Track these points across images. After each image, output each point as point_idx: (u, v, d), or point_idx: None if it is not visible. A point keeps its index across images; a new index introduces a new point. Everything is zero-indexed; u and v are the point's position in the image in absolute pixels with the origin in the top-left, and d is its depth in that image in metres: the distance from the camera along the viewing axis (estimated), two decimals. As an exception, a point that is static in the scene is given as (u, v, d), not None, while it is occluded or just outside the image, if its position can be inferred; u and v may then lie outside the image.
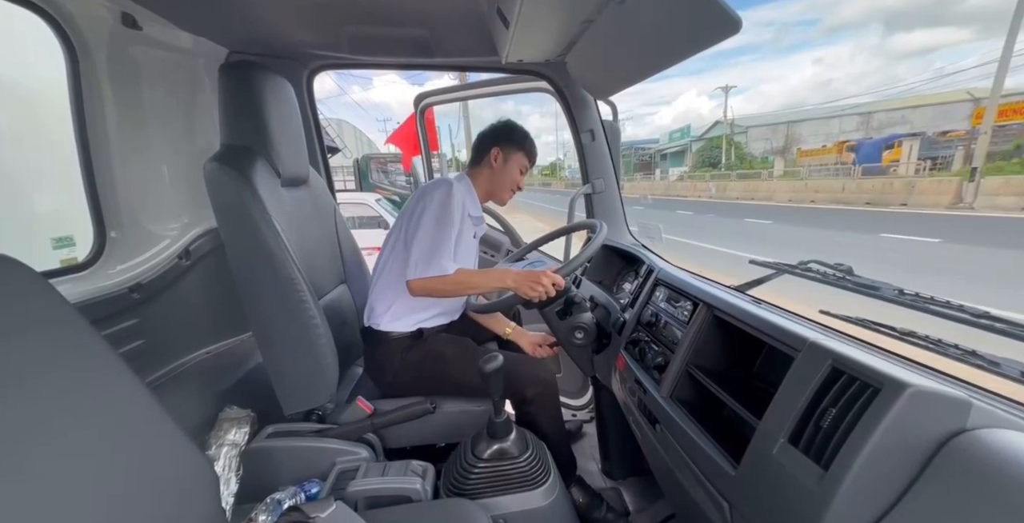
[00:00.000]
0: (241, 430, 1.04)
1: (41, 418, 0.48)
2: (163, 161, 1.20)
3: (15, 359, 0.48)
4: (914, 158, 18.01)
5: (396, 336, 1.17)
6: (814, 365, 0.54)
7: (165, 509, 0.58)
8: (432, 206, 1.12)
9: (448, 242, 1.10)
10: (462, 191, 1.18)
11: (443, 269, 1.07)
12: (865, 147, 21.25)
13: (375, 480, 0.91)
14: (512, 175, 1.25)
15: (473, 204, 1.24)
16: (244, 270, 0.98)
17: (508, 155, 1.23)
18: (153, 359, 1.17)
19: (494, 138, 1.23)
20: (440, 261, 1.07)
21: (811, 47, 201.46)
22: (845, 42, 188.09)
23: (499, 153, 1.23)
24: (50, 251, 1.19)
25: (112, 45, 1.02)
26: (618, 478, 1.36)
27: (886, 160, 19.37)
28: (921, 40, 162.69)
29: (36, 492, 0.45)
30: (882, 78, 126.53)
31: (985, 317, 0.59)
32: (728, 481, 0.61)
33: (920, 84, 35.58)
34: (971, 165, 11.13)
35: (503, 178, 1.25)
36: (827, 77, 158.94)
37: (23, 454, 0.45)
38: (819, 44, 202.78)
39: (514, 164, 1.24)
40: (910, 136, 19.84)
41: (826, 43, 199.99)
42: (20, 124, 1.31)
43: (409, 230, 1.13)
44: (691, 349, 0.81)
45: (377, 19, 1.12)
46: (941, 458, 0.42)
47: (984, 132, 11.12)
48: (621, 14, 0.89)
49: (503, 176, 1.24)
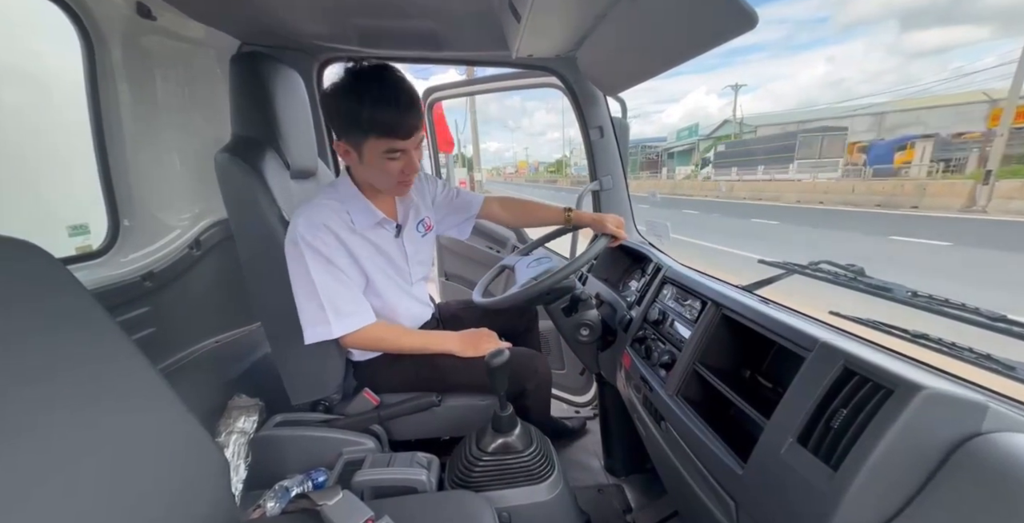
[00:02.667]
0: (250, 418, 1.06)
1: (58, 399, 0.49)
2: (175, 151, 1.21)
3: (27, 341, 0.49)
4: (927, 160, 17.74)
5: (375, 361, 1.11)
6: (825, 365, 0.54)
7: (177, 493, 0.59)
8: (290, 258, 0.90)
9: (339, 286, 0.91)
10: (327, 208, 0.92)
11: (363, 317, 0.95)
12: (877, 148, 20.96)
13: (381, 470, 0.92)
14: (379, 168, 0.89)
15: (360, 208, 0.96)
16: (253, 260, 0.99)
17: (356, 146, 0.88)
18: (164, 347, 1.19)
19: (333, 129, 0.93)
20: (348, 309, 0.93)
21: (823, 45, 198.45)
22: (858, 40, 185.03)
23: (344, 147, 0.90)
24: (66, 239, 1.20)
25: (127, 35, 1.03)
26: (621, 475, 1.37)
27: (898, 162, 19.10)
28: (937, 38, 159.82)
29: (50, 470, 0.46)
30: (896, 77, 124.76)
31: (1002, 320, 0.59)
32: (735, 480, 0.61)
33: (936, 84, 34.97)
34: (985, 167, 10.94)
35: (374, 175, 0.93)
36: (839, 76, 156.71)
37: (34, 436, 0.46)
38: (831, 42, 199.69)
39: (371, 154, 0.87)
40: (924, 137, 19.52)
41: (839, 41, 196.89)
42: (39, 114, 1.32)
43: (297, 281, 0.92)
44: (699, 347, 0.81)
45: (387, 12, 1.12)
46: (955, 461, 0.42)
47: (1001, 134, 10.91)
48: (635, 8, 0.88)
49: (372, 173, 0.93)
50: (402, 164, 0.90)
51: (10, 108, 1.24)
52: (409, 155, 0.90)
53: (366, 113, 0.82)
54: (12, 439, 0.44)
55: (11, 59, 1.20)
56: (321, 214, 0.91)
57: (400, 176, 0.92)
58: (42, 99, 1.26)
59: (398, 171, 0.90)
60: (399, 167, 0.90)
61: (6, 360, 0.46)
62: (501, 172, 77.89)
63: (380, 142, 0.85)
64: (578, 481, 1.35)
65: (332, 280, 0.91)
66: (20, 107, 1.25)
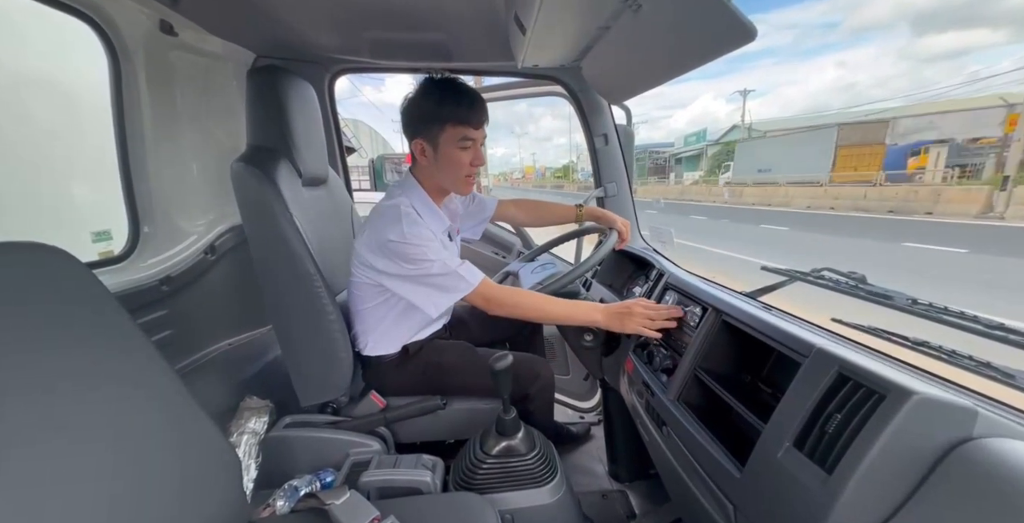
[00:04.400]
0: (260, 419, 1.08)
1: (81, 399, 0.52)
2: (193, 160, 1.26)
3: (59, 342, 0.52)
4: (941, 166, 17.43)
5: (386, 359, 1.13)
6: (821, 371, 0.55)
7: (191, 491, 0.61)
8: (398, 250, 0.95)
9: (445, 268, 0.96)
10: (412, 207, 1.00)
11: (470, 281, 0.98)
12: (890, 153, 20.66)
13: (387, 471, 0.94)
14: (452, 159, 0.99)
15: (428, 210, 1.05)
16: (265, 265, 1.02)
17: (433, 139, 0.98)
18: (180, 349, 1.22)
19: (410, 132, 1.01)
20: (459, 278, 0.97)
21: (834, 50, 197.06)
22: (870, 44, 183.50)
23: (422, 144, 1.00)
24: (90, 245, 1.25)
25: (150, 50, 1.08)
26: (625, 481, 1.37)
27: (911, 167, 18.79)
28: (952, 42, 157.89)
29: (69, 467, 0.49)
30: (910, 82, 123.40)
31: (1000, 329, 0.59)
32: (733, 483, 0.62)
33: (952, 89, 34.37)
34: (1003, 173, 10.73)
35: (444, 168, 1.01)
36: (850, 80, 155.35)
37: (63, 431, 0.49)
38: (842, 47, 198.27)
39: (447, 145, 0.98)
40: (938, 142, 19.21)
41: (850, 46, 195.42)
42: (69, 126, 1.38)
43: (388, 274, 0.99)
44: (699, 353, 0.82)
45: (397, 24, 1.16)
46: (946, 465, 0.43)
47: (1018, 139, 10.72)
48: (637, 21, 0.90)
49: (442, 165, 1.01)
50: (471, 155, 1.00)
51: (49, 122, 1.30)
52: (477, 146, 1.01)
53: (444, 107, 0.95)
54: (37, 435, 0.47)
55: (49, 73, 1.25)
56: (412, 214, 0.99)
57: (468, 168, 1.02)
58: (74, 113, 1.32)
59: (467, 162, 1.01)
60: (469, 158, 1.00)
61: (37, 360, 0.49)
62: (508, 177, 78.28)
63: (456, 130, 0.97)
64: (582, 486, 1.35)
65: (449, 255, 1.00)
66: (58, 120, 1.31)
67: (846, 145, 21.73)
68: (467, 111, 0.96)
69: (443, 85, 0.97)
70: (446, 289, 0.99)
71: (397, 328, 1.11)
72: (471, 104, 0.97)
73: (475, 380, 1.13)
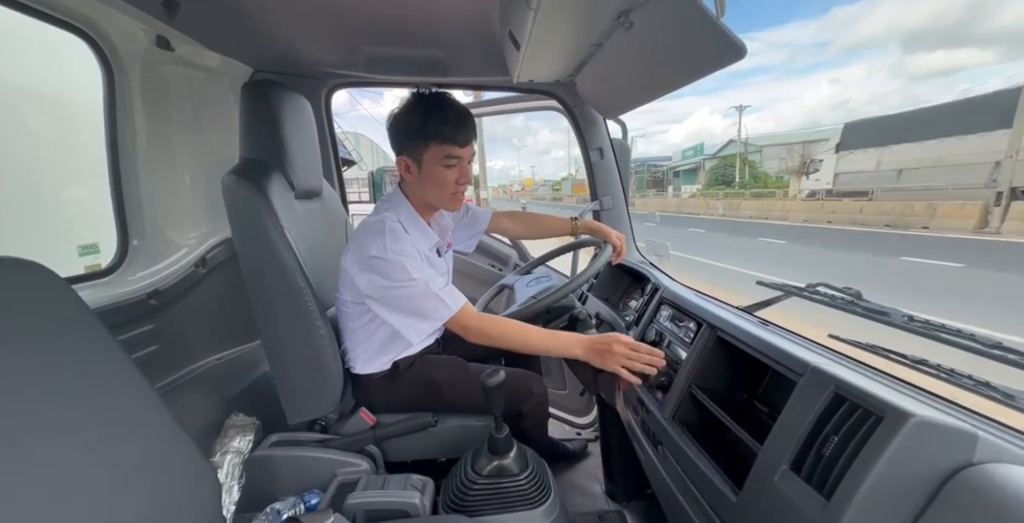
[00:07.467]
0: (245, 438, 1.05)
1: (48, 419, 0.50)
2: (185, 173, 1.26)
3: (28, 360, 0.50)
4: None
5: (376, 375, 1.10)
6: (816, 390, 0.53)
7: (167, 516, 0.59)
8: (379, 266, 0.93)
9: (426, 289, 0.94)
10: (399, 222, 0.99)
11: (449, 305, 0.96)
12: (884, 167, 20.80)
13: (374, 493, 0.91)
14: (437, 177, 0.97)
15: (415, 226, 1.03)
16: (255, 279, 1.01)
17: (417, 157, 0.96)
18: (166, 364, 1.20)
19: (396, 149, 1.00)
20: (439, 301, 0.95)
21: (826, 68, 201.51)
22: (862, 63, 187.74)
23: (406, 161, 0.98)
24: (75, 258, 1.24)
25: (146, 65, 1.09)
26: (622, 501, 1.33)
27: (906, 180, 18.95)
28: (943, 61, 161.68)
29: (39, 492, 0.47)
30: (902, 99, 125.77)
31: (998, 348, 0.58)
32: (729, 507, 0.60)
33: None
34: (996, 189, 10.86)
35: (429, 186, 0.99)
36: (843, 97, 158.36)
37: (28, 454, 0.47)
38: (835, 65, 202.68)
39: (431, 163, 0.96)
40: (931, 157, 19.42)
41: (842, 64, 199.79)
42: (59, 138, 1.38)
43: (371, 297, 0.97)
44: (694, 370, 0.80)
45: (393, 40, 1.17)
46: (947, 492, 0.41)
47: (1010, 155, 10.88)
48: (629, 38, 0.91)
49: (427, 183, 0.99)
50: (457, 173, 0.98)
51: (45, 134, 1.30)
52: (463, 164, 0.99)
53: (428, 124, 0.93)
54: (3, 456, 0.45)
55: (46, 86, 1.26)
56: (397, 230, 0.97)
57: (454, 186, 1.00)
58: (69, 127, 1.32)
59: (453, 180, 0.99)
60: (454, 176, 0.98)
61: (4, 378, 0.47)
62: (507, 189, 78.89)
63: (440, 148, 0.94)
64: (578, 506, 1.31)
65: (435, 273, 1.00)
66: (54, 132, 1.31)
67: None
68: (452, 129, 0.93)
69: (429, 101, 0.95)
70: (425, 315, 0.97)
71: (386, 347, 1.09)
72: (457, 122, 0.94)
73: (467, 396, 1.11)
